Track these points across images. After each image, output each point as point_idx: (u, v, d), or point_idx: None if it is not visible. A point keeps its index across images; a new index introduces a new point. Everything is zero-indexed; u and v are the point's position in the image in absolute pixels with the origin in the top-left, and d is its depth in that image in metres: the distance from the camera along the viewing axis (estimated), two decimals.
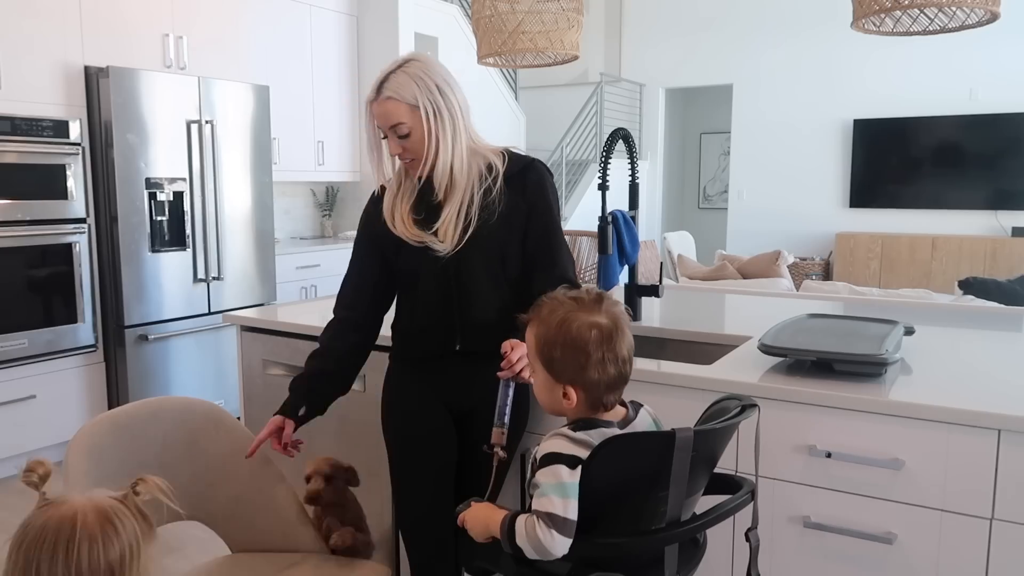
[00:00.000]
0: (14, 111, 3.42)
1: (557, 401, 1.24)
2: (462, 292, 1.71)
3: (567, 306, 1.23)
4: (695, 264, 6.32)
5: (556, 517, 1.13)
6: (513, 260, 1.73)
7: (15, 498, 3.29)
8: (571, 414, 1.25)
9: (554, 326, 1.21)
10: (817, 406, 1.54)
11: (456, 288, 1.71)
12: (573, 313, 1.21)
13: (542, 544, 1.14)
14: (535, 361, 1.26)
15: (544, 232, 1.74)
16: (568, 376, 1.21)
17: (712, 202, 10.28)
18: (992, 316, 2.42)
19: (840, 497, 1.55)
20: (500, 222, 1.69)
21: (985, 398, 1.48)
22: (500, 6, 2.38)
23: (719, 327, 2.17)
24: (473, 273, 1.70)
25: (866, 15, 1.98)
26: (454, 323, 1.72)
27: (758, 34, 8.37)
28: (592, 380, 1.20)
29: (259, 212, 4.37)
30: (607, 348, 1.20)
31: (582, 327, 1.20)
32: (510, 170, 1.72)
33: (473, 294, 1.71)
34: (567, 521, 1.13)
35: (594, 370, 1.20)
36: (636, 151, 2.27)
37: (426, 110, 1.63)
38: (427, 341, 1.75)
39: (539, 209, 1.73)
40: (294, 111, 5.12)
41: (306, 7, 5.16)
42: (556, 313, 1.22)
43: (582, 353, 1.20)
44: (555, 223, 1.76)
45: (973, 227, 7.52)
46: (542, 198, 1.74)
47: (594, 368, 1.20)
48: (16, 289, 3.46)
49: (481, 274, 1.71)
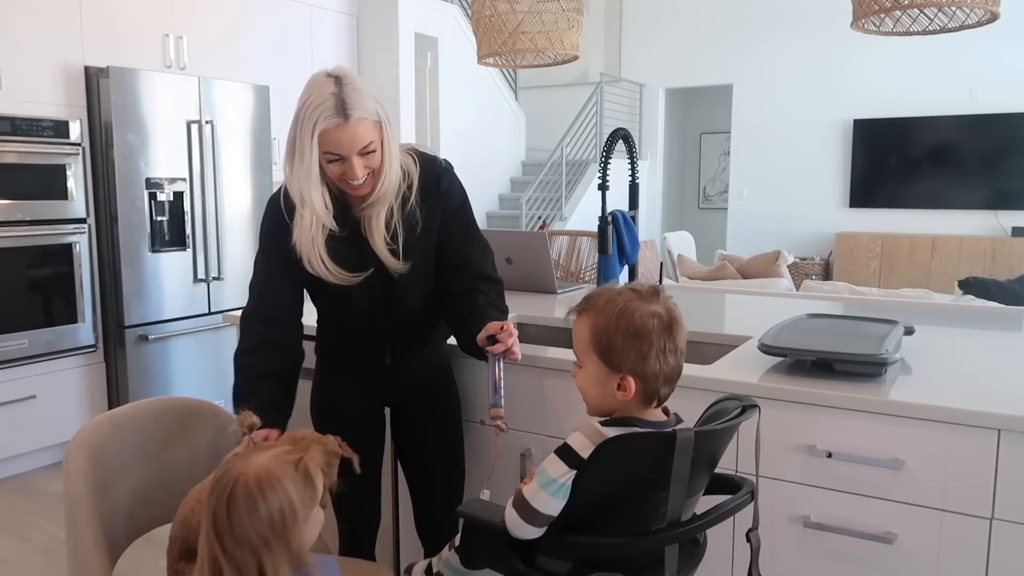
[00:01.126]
0: (14, 111, 3.42)
1: (609, 394, 1.23)
2: (390, 309, 1.69)
3: (625, 295, 1.22)
4: (695, 264, 6.32)
5: (528, 506, 1.17)
6: (433, 268, 1.72)
7: (15, 498, 3.30)
8: (621, 409, 1.24)
9: (615, 315, 1.20)
10: (817, 406, 1.54)
11: (384, 306, 1.69)
12: (634, 303, 1.21)
13: (506, 520, 1.20)
14: (587, 353, 1.24)
15: (459, 234, 1.71)
16: (628, 366, 1.20)
17: (712, 202, 10.29)
18: (992, 316, 2.42)
19: (840, 497, 1.55)
20: (422, 235, 1.66)
21: (985, 398, 1.48)
22: (500, 6, 2.38)
23: (719, 327, 2.17)
24: (401, 290, 1.67)
25: (866, 15, 1.98)
26: (384, 338, 1.72)
27: (758, 34, 8.37)
28: (652, 370, 1.20)
29: (259, 212, 4.37)
30: (668, 338, 1.20)
31: (644, 316, 1.20)
32: (424, 179, 1.66)
33: (402, 310, 1.70)
34: (537, 513, 1.16)
35: (655, 360, 1.20)
36: (636, 151, 2.27)
37: (383, 122, 1.56)
38: (356, 356, 1.75)
39: (451, 212, 1.70)
40: (294, 111, 5.11)
41: (306, 7, 5.16)
42: (615, 303, 1.21)
43: (644, 342, 1.19)
44: (468, 221, 1.73)
45: (973, 227, 7.52)
46: (454, 201, 1.71)
47: (655, 358, 1.20)
48: (16, 289, 3.46)
49: (409, 289, 1.68)
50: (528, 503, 1.17)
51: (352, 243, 1.63)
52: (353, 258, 1.62)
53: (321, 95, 1.50)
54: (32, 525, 3.05)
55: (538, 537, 1.19)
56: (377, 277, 1.65)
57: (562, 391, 1.84)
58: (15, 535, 2.97)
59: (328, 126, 1.49)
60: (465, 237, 1.72)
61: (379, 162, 1.56)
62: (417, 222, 1.64)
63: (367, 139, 1.51)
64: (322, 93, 1.50)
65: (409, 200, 1.63)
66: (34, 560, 2.78)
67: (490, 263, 1.76)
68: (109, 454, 1.51)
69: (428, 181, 1.66)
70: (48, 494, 3.34)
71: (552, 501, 1.16)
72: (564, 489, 1.15)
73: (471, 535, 1.31)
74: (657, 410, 1.26)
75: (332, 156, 1.53)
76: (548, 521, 1.17)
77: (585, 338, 1.24)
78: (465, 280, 1.71)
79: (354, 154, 1.51)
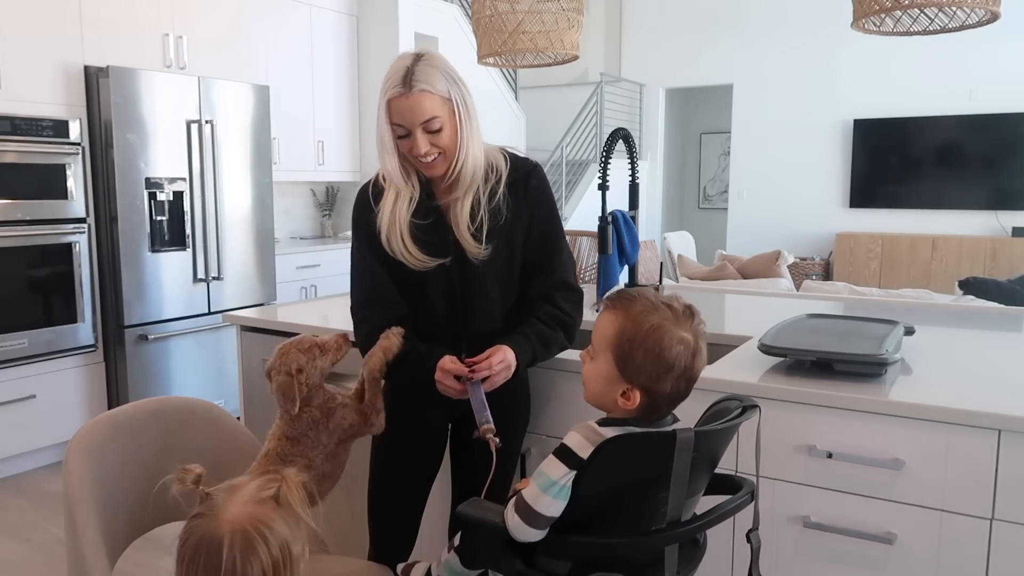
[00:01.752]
0: (14, 111, 3.42)
1: (611, 397, 1.23)
2: (468, 303, 1.67)
3: (662, 313, 1.21)
4: (695, 264, 6.32)
5: (531, 510, 1.16)
6: (516, 267, 1.69)
7: (15, 498, 3.30)
8: (619, 413, 1.24)
9: (645, 329, 1.19)
10: (817, 406, 1.54)
11: (462, 299, 1.66)
12: (666, 324, 1.20)
13: (508, 524, 1.19)
14: (604, 351, 1.23)
15: (545, 238, 1.70)
16: (640, 380, 1.20)
17: (712, 202, 10.29)
18: (992, 316, 2.42)
19: (840, 497, 1.55)
20: (506, 229, 1.65)
21: (985, 398, 1.48)
22: (500, 6, 2.38)
23: (719, 327, 2.17)
24: (480, 283, 1.65)
25: (866, 15, 1.98)
26: (459, 334, 1.67)
27: (758, 34, 8.37)
28: (663, 392, 1.20)
29: (259, 212, 4.37)
30: (687, 366, 1.20)
31: (673, 340, 1.19)
32: (513, 175, 1.67)
33: (479, 305, 1.67)
34: (539, 515, 1.16)
35: (669, 383, 1.20)
36: (636, 151, 2.27)
37: (456, 103, 1.57)
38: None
39: (540, 216, 1.69)
40: (294, 111, 5.12)
41: (306, 7, 5.16)
42: (649, 317, 1.20)
43: (664, 364, 1.19)
44: (556, 228, 1.72)
45: (973, 227, 7.52)
46: (543, 204, 1.70)
47: (670, 381, 1.20)
48: (16, 289, 3.46)
49: (488, 284, 1.66)
50: (531, 507, 1.17)
51: (435, 229, 1.64)
52: (434, 243, 1.63)
53: (395, 68, 1.56)
54: (32, 525, 3.05)
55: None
56: (457, 268, 1.64)
57: (562, 391, 1.84)
58: (15, 535, 2.97)
59: (393, 95, 1.54)
60: (550, 242, 1.71)
61: (448, 142, 1.57)
62: (503, 215, 1.64)
63: (430, 113, 1.53)
64: (397, 66, 1.56)
65: (497, 193, 1.64)
66: (34, 560, 2.78)
67: (571, 272, 1.73)
68: (109, 454, 1.51)
69: (517, 177, 1.68)
70: (48, 494, 3.33)
71: (554, 503, 1.16)
72: (565, 490, 1.15)
73: (471, 535, 1.31)
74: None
75: (399, 128, 1.56)
76: (550, 523, 1.17)
77: (608, 336, 1.23)
78: (544, 285, 1.68)
79: (417, 126, 1.54)
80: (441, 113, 1.55)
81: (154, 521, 1.60)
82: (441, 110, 1.55)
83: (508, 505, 1.21)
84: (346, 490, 2.10)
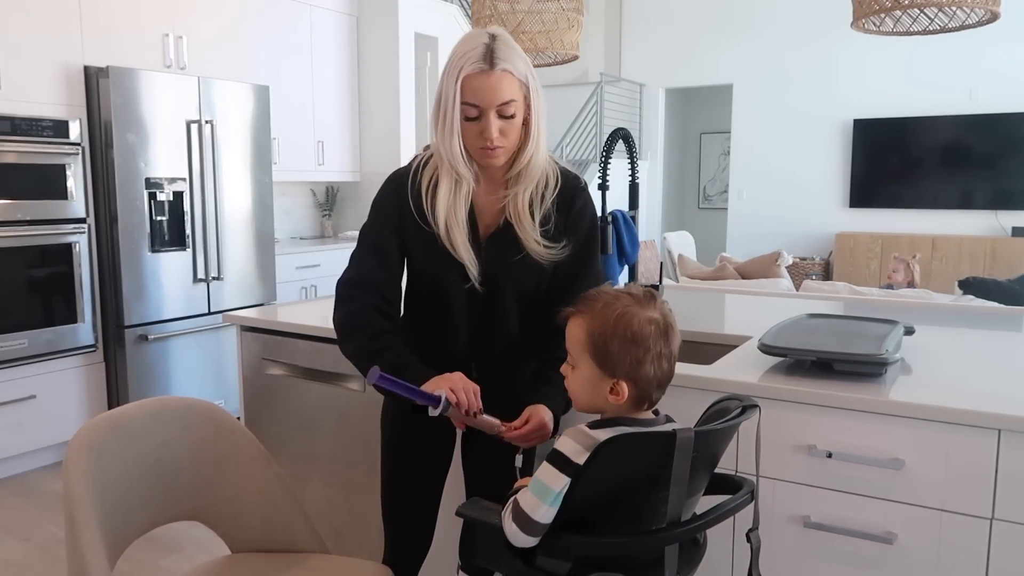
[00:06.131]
0: (14, 111, 3.42)
1: (601, 397, 1.23)
2: (485, 322, 1.58)
3: (624, 301, 1.23)
4: (695, 264, 6.32)
5: (527, 518, 1.17)
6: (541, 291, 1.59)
7: (15, 498, 3.30)
8: (612, 411, 1.24)
9: (612, 320, 1.21)
10: (817, 406, 1.54)
11: (479, 317, 1.58)
12: (631, 308, 1.21)
13: (506, 532, 1.20)
14: (581, 356, 1.24)
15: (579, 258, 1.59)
16: (623, 371, 1.21)
17: (712, 202, 10.29)
18: (992, 316, 2.42)
19: (840, 497, 1.55)
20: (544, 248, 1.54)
21: (985, 398, 1.48)
22: (500, 6, 2.39)
23: (719, 327, 2.17)
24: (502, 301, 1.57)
25: (866, 15, 1.98)
26: (472, 353, 1.60)
27: (758, 34, 8.37)
28: (647, 376, 1.21)
29: (259, 212, 4.37)
30: (664, 344, 1.22)
31: (642, 322, 1.20)
32: (562, 192, 1.56)
33: (496, 326, 1.59)
34: (534, 523, 1.17)
35: (650, 365, 1.21)
36: (636, 151, 2.27)
37: (533, 90, 1.47)
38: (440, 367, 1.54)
39: (578, 234, 1.59)
40: (294, 111, 5.12)
41: (306, 7, 5.16)
42: (612, 308, 1.22)
43: (641, 348, 1.20)
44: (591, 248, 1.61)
45: (973, 227, 7.52)
46: (583, 224, 1.60)
47: (650, 363, 1.21)
48: (16, 289, 3.46)
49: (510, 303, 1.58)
50: (529, 517, 1.17)
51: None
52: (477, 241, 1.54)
53: (472, 44, 1.44)
54: (32, 525, 3.05)
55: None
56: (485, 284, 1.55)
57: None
58: (15, 535, 2.97)
59: (472, 71, 1.42)
60: (583, 263, 1.60)
61: (515, 132, 1.48)
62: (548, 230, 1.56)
63: (509, 95, 1.44)
64: (474, 43, 1.44)
65: (546, 203, 1.56)
66: (34, 560, 2.78)
67: None
68: (109, 454, 1.51)
69: (565, 194, 1.58)
70: (48, 494, 3.34)
71: (551, 511, 1.16)
72: (560, 498, 1.16)
73: (471, 536, 1.31)
74: (647, 411, 1.27)
75: (471, 108, 1.44)
76: (545, 529, 1.18)
77: (580, 339, 1.24)
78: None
79: (493, 108, 1.43)
80: (518, 97, 1.45)
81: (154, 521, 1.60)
82: (518, 94, 1.45)
83: (506, 511, 1.21)
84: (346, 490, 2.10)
